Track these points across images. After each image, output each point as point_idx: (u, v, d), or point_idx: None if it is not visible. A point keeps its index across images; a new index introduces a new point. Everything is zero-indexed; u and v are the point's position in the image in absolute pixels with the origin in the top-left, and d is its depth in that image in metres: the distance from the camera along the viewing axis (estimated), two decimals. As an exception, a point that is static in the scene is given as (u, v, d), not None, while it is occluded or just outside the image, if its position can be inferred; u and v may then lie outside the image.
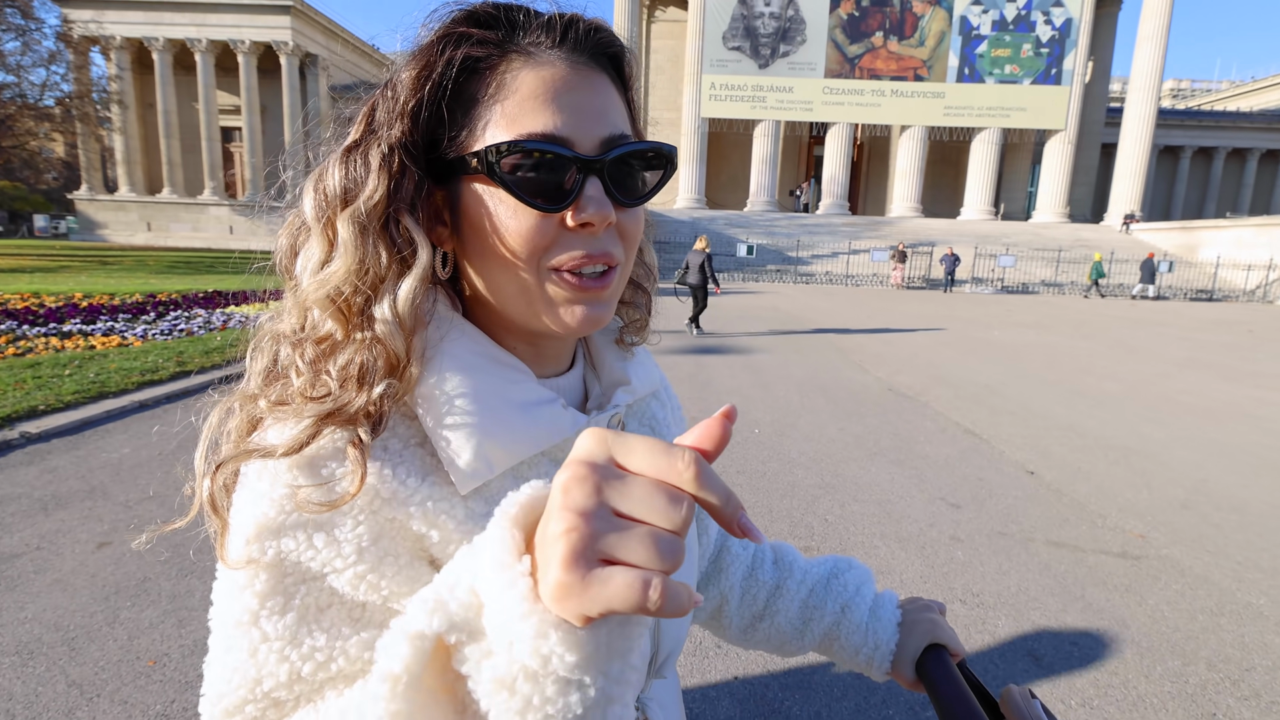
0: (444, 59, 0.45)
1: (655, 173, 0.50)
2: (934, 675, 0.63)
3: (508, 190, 0.45)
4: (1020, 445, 4.79)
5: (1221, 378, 7.88)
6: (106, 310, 8.80)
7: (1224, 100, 50.08)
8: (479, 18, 0.47)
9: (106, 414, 4.56)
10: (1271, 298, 22.32)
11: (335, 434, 0.42)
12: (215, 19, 35.01)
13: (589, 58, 0.48)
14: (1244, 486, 4.09)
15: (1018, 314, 15.50)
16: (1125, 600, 2.67)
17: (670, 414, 0.67)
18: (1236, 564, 3.05)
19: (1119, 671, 2.21)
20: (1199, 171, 40.51)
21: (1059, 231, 29.58)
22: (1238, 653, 2.35)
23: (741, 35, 31.31)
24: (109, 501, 3.25)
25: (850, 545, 3.09)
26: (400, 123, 0.46)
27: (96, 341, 6.71)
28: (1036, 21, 30.93)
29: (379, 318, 0.44)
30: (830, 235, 27.88)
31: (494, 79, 0.46)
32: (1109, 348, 10.24)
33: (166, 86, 36.22)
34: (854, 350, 9.03)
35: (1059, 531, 3.32)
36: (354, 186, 0.46)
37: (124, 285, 12.53)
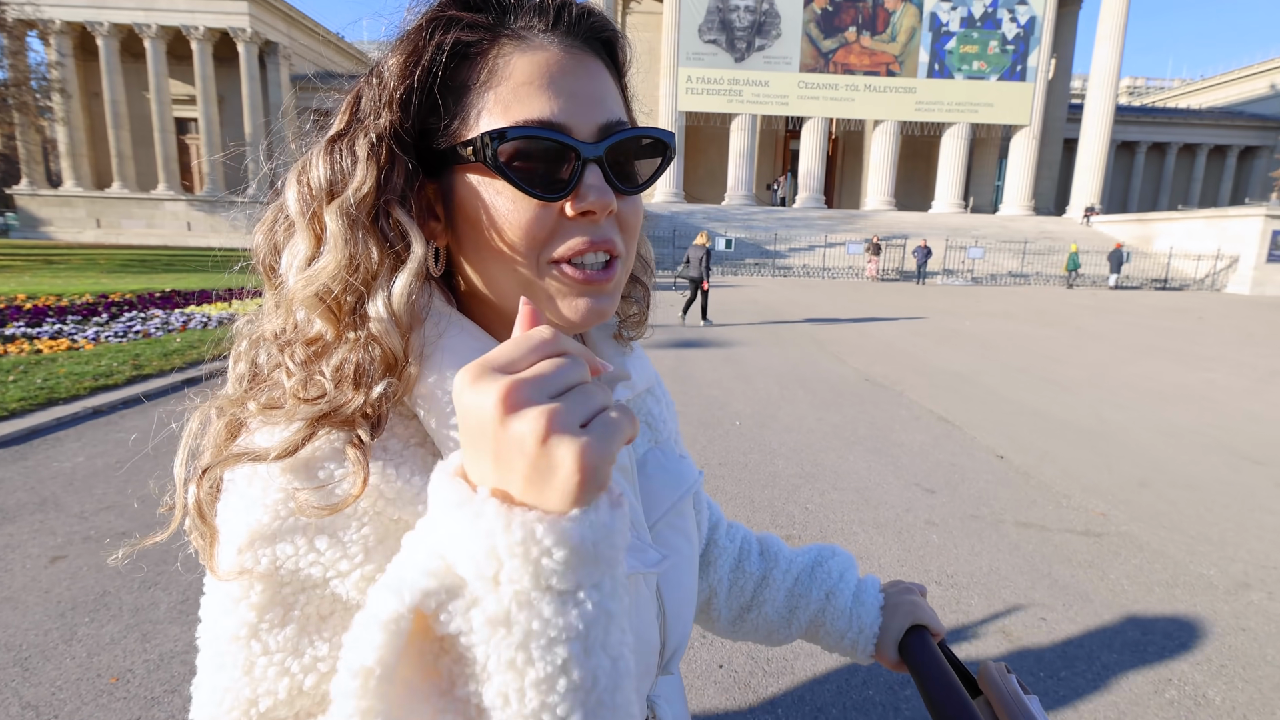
0: (433, 44, 0.43)
1: (653, 160, 0.49)
2: (916, 655, 0.64)
3: (505, 179, 0.43)
4: (991, 431, 4.97)
5: (1175, 363, 8.24)
6: (54, 312, 8.29)
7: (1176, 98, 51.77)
8: (468, 1, 0.45)
9: (57, 421, 4.30)
10: (1219, 285, 23.35)
11: (331, 436, 0.40)
12: (165, 4, 32.76)
13: (582, 42, 0.47)
14: (1196, 465, 4.33)
15: (987, 304, 15.91)
16: (1089, 576, 2.81)
17: (666, 410, 0.66)
18: (1190, 538, 3.23)
19: (1084, 644, 2.33)
20: (1153, 166, 42.01)
21: (1025, 224, 30.39)
22: (1191, 621, 2.50)
23: (717, 28, 31.32)
24: (62, 513, 3.07)
25: (830, 532, 3.17)
26: (388, 111, 0.43)
27: (43, 345, 6.35)
28: (1002, 19, 31.60)
29: (373, 315, 0.42)
30: (807, 229, 28.16)
31: (486, 64, 0.44)
32: (1072, 335, 10.60)
33: (113, 75, 33.80)
34: (832, 342, 9.17)
35: (1027, 512, 3.47)
36: (340, 177, 0.43)
37: (73, 285, 11.83)
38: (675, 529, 0.60)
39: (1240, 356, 8.85)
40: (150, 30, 33.27)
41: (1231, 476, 4.13)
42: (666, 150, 0.49)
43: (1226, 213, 23.99)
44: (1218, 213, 24.48)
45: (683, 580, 0.59)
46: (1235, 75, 45.82)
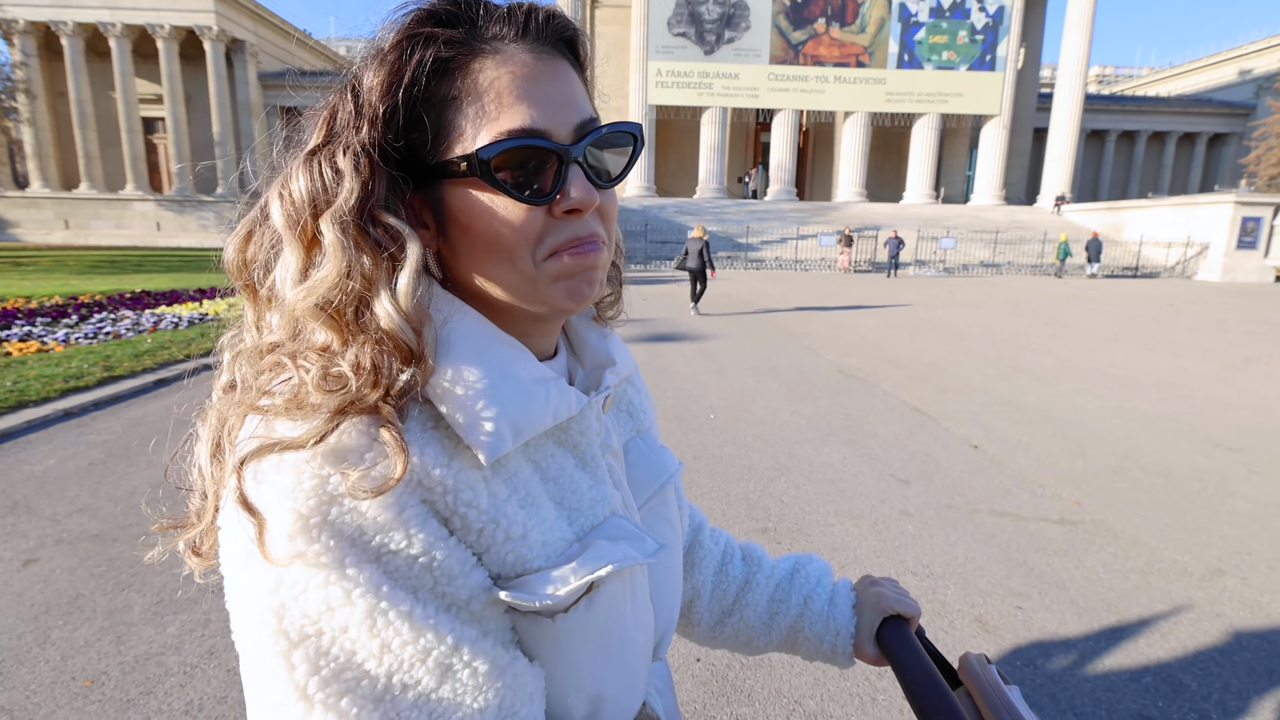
0: (413, 62, 0.44)
1: (624, 150, 0.52)
2: (894, 647, 0.64)
3: (498, 190, 0.45)
4: (965, 421, 4.97)
5: (1146, 350, 8.36)
6: (23, 314, 8.27)
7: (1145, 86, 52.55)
8: (440, 16, 0.46)
9: (27, 424, 4.33)
10: (1190, 273, 23.79)
11: (358, 424, 0.41)
12: (130, 2, 32.65)
13: (549, 45, 0.48)
14: (1168, 452, 4.35)
15: (960, 294, 16.09)
16: (1064, 564, 2.80)
17: (645, 400, 0.69)
18: (1163, 525, 3.23)
19: (1060, 631, 2.32)
20: (1123, 154, 42.69)
21: (996, 214, 30.80)
22: (1166, 608, 2.49)
23: (687, 21, 31.26)
24: (34, 516, 3.07)
25: (806, 524, 3.14)
26: (370, 127, 0.45)
27: (13, 348, 6.35)
28: (971, 9, 31.92)
29: (382, 314, 0.43)
30: (779, 221, 28.29)
31: (463, 78, 0.45)
32: (1043, 324, 10.73)
33: (79, 74, 33.67)
34: (805, 334, 9.19)
35: (1002, 502, 3.46)
36: (323, 189, 0.44)
37: (41, 287, 11.85)
38: (659, 516, 0.62)
39: (1211, 344, 8.97)
40: (115, 29, 33.06)
41: (1204, 463, 4.15)
42: (636, 141, 0.52)
43: (1196, 200, 24.33)
44: (1187, 200, 24.84)
45: (668, 567, 0.61)
46: (1203, 63, 46.39)
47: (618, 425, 0.63)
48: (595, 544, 0.48)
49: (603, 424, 0.56)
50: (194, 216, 34.54)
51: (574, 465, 0.52)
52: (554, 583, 0.45)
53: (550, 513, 0.48)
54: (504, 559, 0.44)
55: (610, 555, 0.48)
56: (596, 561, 0.47)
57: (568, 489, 0.51)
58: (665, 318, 10.32)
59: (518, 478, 0.47)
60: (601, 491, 0.53)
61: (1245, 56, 42.93)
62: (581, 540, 0.49)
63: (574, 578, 0.45)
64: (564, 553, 0.47)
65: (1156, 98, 44.00)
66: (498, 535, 0.43)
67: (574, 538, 0.49)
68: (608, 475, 0.55)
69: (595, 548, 0.48)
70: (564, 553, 0.47)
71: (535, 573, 0.45)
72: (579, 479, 0.52)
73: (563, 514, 0.50)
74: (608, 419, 0.58)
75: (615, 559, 0.48)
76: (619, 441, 0.60)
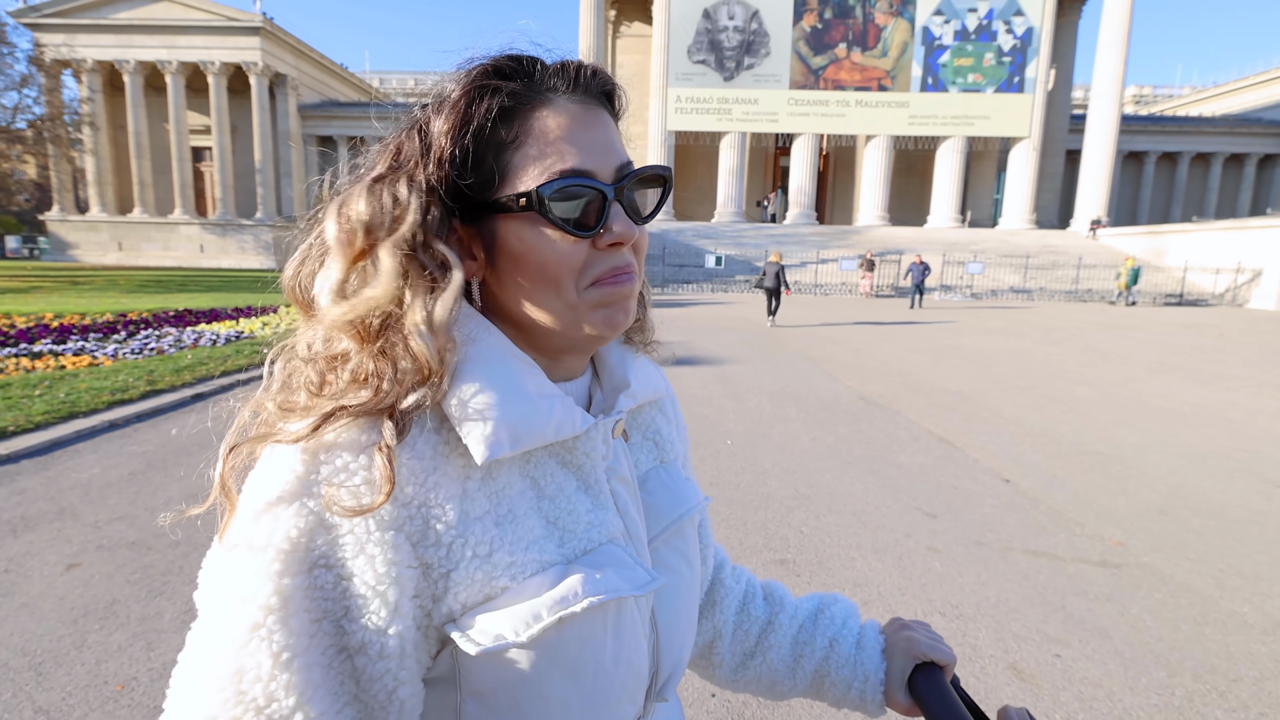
0: (480, 110, 0.49)
1: (655, 189, 0.56)
2: (926, 695, 0.62)
3: (551, 224, 0.49)
4: (994, 453, 4.74)
5: (1193, 381, 7.97)
6: (77, 330, 8.75)
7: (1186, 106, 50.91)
8: (503, 70, 0.51)
9: (76, 434, 4.51)
10: (1241, 301, 22.61)
11: (353, 429, 0.44)
12: (185, 41, 35.42)
13: (593, 97, 0.53)
14: (1220, 491, 4.06)
15: (988, 320, 15.75)
16: (1107, 610, 2.60)
17: (675, 430, 0.69)
18: (1218, 571, 2.99)
19: (1103, 684, 2.14)
20: (1163, 176, 41.31)
21: (1026, 238, 30.18)
22: (1224, 663, 2.27)
23: (706, 49, 31.72)
24: (78, 522, 3.19)
25: (826, 557, 3.00)
26: (435, 165, 0.49)
27: (67, 361, 6.71)
28: (998, 31, 31.73)
29: (414, 334, 0.46)
30: (798, 245, 28.13)
31: (520, 124, 0.50)
32: (1079, 352, 10.37)
33: (137, 108, 36.57)
34: (824, 359, 9.03)
35: (1037, 540, 3.25)
36: (380, 214, 0.47)
37: (95, 305, 12.56)
38: (674, 549, 0.61)
39: (1266, 376, 8.49)
40: (172, 66, 35.80)
41: (1262, 505, 3.86)
42: (666, 182, 0.57)
43: (1247, 224, 23.22)
44: (1237, 224, 23.75)
45: (679, 603, 0.60)
46: (1250, 81, 44.46)
47: (641, 453, 0.64)
48: (576, 572, 0.48)
49: (610, 448, 0.56)
50: (234, 239, 36.74)
51: (575, 487, 0.53)
52: (514, 620, 0.45)
53: (536, 531, 0.48)
54: (472, 575, 0.44)
55: (590, 587, 0.47)
56: (567, 594, 0.46)
57: (564, 509, 0.51)
58: (683, 341, 10.24)
59: (504, 493, 0.48)
60: (600, 516, 0.53)
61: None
62: (568, 564, 0.49)
63: (532, 622, 0.45)
64: (536, 575, 0.47)
65: (1200, 118, 42.43)
66: (465, 551, 0.44)
67: (561, 560, 0.49)
68: (611, 501, 0.54)
69: (574, 577, 0.47)
70: (536, 575, 0.47)
71: (502, 592, 0.45)
72: (578, 501, 0.52)
73: (554, 534, 0.50)
74: (618, 445, 0.58)
75: (595, 591, 0.47)
76: (631, 468, 0.59)
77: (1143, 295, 23.54)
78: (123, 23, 35.07)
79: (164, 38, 35.18)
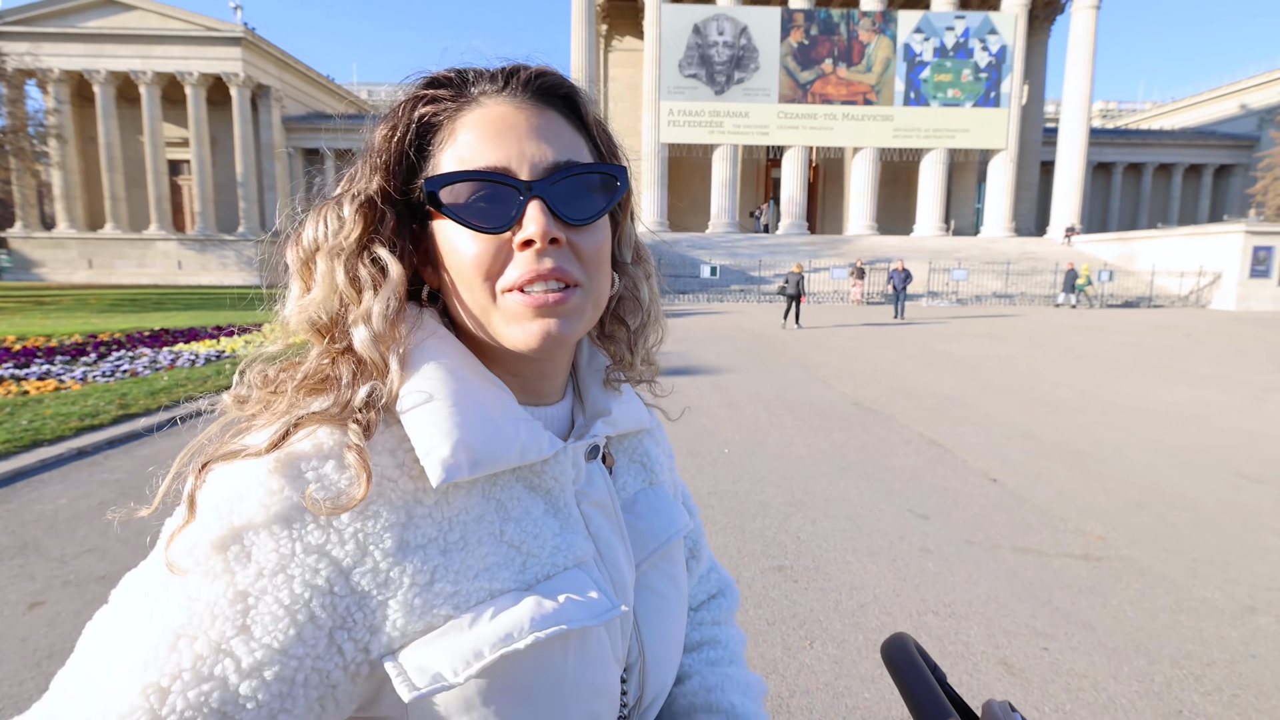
0: (405, 119, 0.51)
1: (608, 194, 0.53)
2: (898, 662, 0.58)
3: (453, 219, 0.49)
4: (983, 454, 4.89)
5: (1165, 380, 8.23)
6: (42, 353, 8.28)
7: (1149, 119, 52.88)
8: (437, 80, 0.53)
9: (41, 463, 4.28)
10: (1204, 302, 23.58)
11: (317, 436, 0.44)
12: (161, 50, 33.82)
13: (534, 98, 0.52)
14: (1193, 484, 4.24)
15: (973, 325, 15.98)
16: (1090, 602, 2.71)
17: (664, 455, 0.68)
18: (1192, 560, 3.13)
19: (1088, 674, 2.23)
20: (1130, 186, 42.87)
21: (1007, 245, 30.85)
22: (1198, 648, 2.39)
23: (697, 63, 32.09)
24: (42, 557, 3.00)
25: (823, 561, 3.08)
26: (376, 176, 0.51)
27: (30, 386, 6.32)
28: (974, 48, 32.59)
29: (356, 330, 0.48)
30: (791, 254, 28.44)
31: (447, 128, 0.51)
32: (1059, 355, 10.61)
33: (109, 120, 34.80)
34: (818, 366, 9.13)
35: (1024, 537, 3.38)
36: (325, 234, 0.50)
37: (62, 326, 11.88)
38: (662, 572, 0.60)
39: (1232, 373, 8.83)
40: (146, 77, 34.14)
41: (1232, 496, 4.05)
42: (618, 183, 0.53)
43: (1206, 230, 24.44)
44: (1197, 230, 24.92)
45: (666, 626, 0.59)
46: (1206, 96, 46.78)
47: (629, 475, 0.63)
48: (528, 602, 0.46)
49: (582, 471, 0.55)
50: (215, 255, 35.09)
51: (542, 510, 0.52)
52: (453, 657, 0.43)
53: (490, 558, 0.47)
54: (410, 603, 0.43)
55: (539, 621, 0.45)
56: (511, 630, 0.45)
57: (529, 533, 0.50)
58: (679, 350, 10.31)
59: (458, 518, 0.47)
60: (568, 540, 0.52)
61: (1246, 90, 43.33)
62: (526, 590, 0.47)
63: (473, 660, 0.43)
64: (484, 604, 0.45)
65: (1161, 131, 44.26)
66: (403, 579, 0.43)
67: (518, 586, 0.48)
68: (581, 524, 0.53)
69: (522, 608, 0.46)
70: (484, 604, 0.45)
71: (445, 621, 0.44)
72: (544, 525, 0.51)
73: (515, 559, 0.48)
74: (595, 469, 0.56)
75: (544, 625, 0.45)
76: (611, 492, 0.58)
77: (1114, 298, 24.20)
78: (92, 31, 33.40)
79: (138, 47, 33.62)
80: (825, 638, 2.44)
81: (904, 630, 0.66)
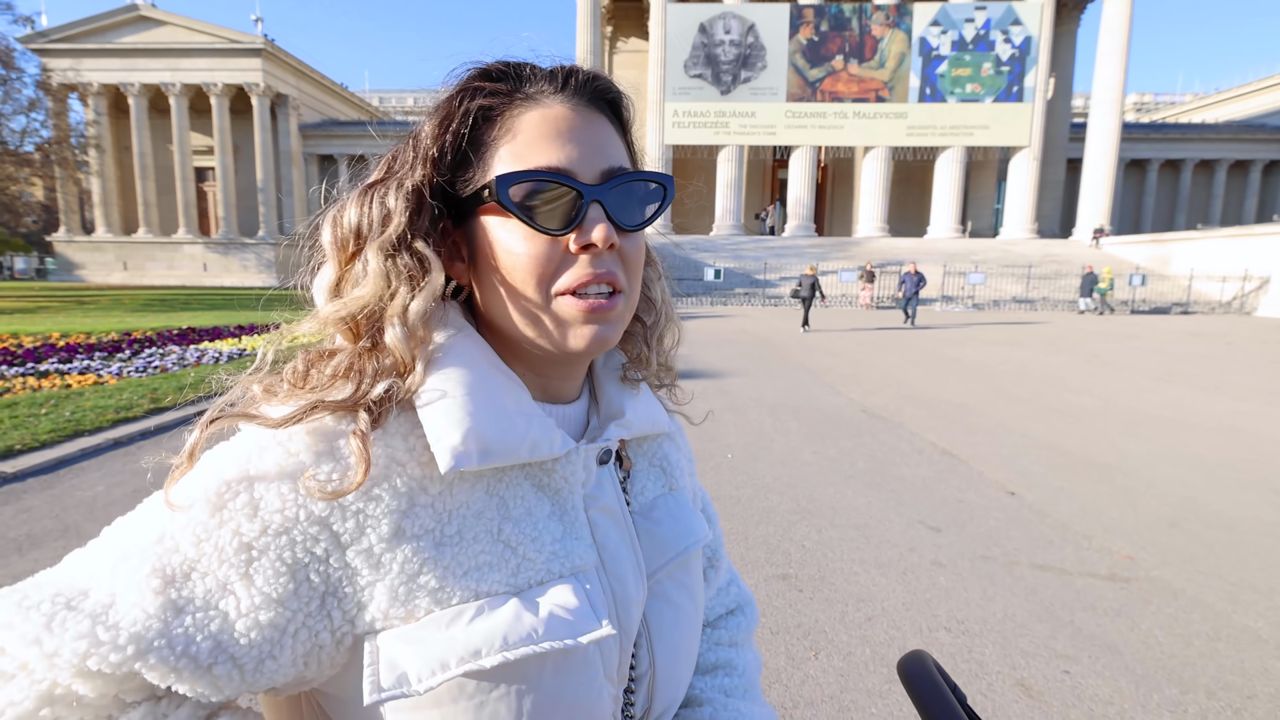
0: (460, 110, 0.50)
1: (654, 201, 0.54)
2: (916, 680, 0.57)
3: (517, 217, 0.48)
4: (999, 465, 4.69)
5: (1200, 390, 7.89)
6: (83, 349, 8.85)
7: (1189, 113, 50.46)
8: (491, 73, 0.51)
9: (82, 452, 4.55)
10: (1249, 309, 22.41)
11: (330, 421, 0.45)
12: (189, 64, 36.10)
13: (588, 101, 0.52)
14: (1232, 503, 3.99)
15: (990, 331, 15.68)
16: (1117, 625, 2.54)
17: (685, 460, 0.68)
18: (1230, 585, 2.92)
19: (1114, 701, 2.08)
20: (1167, 184, 41.05)
21: (1028, 248, 30.13)
22: (1238, 679, 2.22)
23: (703, 63, 31.99)
24: (83, 540, 3.06)
25: (829, 572, 2.95)
26: (421, 167, 0.50)
27: (73, 380, 6.76)
28: (996, 40, 31.88)
29: (389, 330, 0.47)
30: (797, 257, 28.17)
31: (503, 123, 0.50)
32: (1083, 362, 10.30)
33: (142, 130, 37.24)
34: (825, 372, 8.98)
35: (1044, 554, 3.20)
36: (369, 220, 0.49)
37: (100, 324, 12.67)
38: (678, 582, 0.59)
39: (1276, 385, 8.39)
40: (175, 88, 36.52)
41: (1274, 517, 3.78)
42: (666, 191, 0.54)
43: (1253, 231, 23.13)
44: (1243, 231, 23.62)
45: (679, 638, 0.58)
46: (1254, 87, 44.18)
47: (648, 479, 0.62)
48: (509, 612, 0.45)
49: (592, 475, 0.54)
50: (237, 258, 37.24)
51: (547, 512, 0.51)
52: (421, 663, 0.43)
53: (483, 557, 0.47)
54: (395, 589, 0.44)
55: (512, 638, 0.45)
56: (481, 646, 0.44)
57: (528, 534, 0.49)
58: (683, 354, 9.96)
59: (458, 511, 0.47)
60: (568, 547, 0.51)
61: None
62: (514, 594, 0.47)
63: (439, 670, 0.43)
64: (464, 605, 0.45)
65: (1203, 125, 42.15)
66: (393, 566, 0.44)
67: (505, 590, 0.47)
68: (587, 530, 0.53)
69: (499, 621, 0.45)
70: (464, 605, 0.45)
71: (425, 614, 0.44)
72: (546, 527, 0.50)
73: (509, 560, 0.48)
74: (606, 474, 0.56)
75: (518, 644, 0.45)
76: (620, 499, 0.57)
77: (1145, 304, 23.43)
78: (127, 47, 35.79)
79: (167, 60, 35.88)
80: (831, 649, 2.36)
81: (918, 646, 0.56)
